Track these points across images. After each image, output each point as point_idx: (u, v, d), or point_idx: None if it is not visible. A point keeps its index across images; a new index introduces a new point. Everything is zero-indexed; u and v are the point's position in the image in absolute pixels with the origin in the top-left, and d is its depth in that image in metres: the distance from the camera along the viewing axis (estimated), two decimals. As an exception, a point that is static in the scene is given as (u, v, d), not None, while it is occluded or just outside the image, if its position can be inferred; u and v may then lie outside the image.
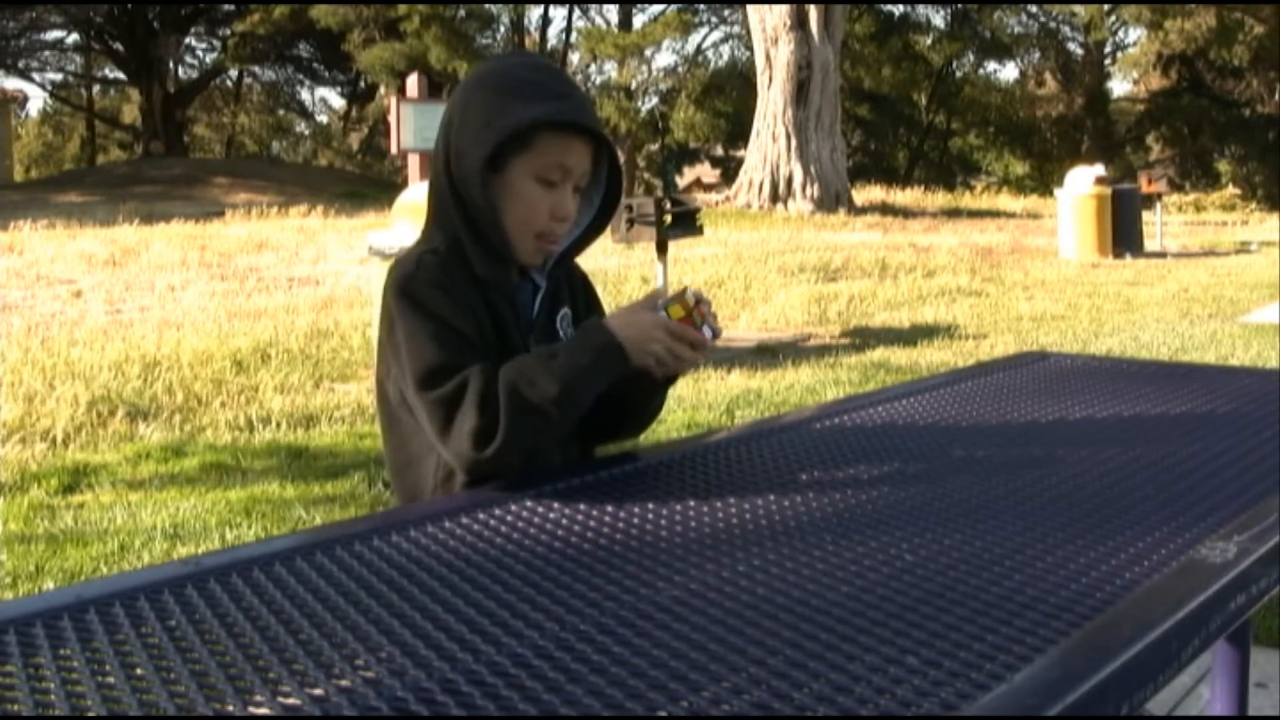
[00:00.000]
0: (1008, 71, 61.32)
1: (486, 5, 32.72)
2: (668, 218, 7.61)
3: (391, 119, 8.19)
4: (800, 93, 21.84)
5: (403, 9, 29.21)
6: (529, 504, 1.43)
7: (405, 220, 6.46)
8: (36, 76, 44.93)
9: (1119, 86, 40.83)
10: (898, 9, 35.16)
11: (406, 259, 1.62)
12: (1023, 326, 9.09)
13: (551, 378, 1.48)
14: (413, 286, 1.57)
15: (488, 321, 1.60)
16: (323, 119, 48.92)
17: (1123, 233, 14.59)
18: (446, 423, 1.50)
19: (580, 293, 1.78)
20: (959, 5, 36.23)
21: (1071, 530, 1.30)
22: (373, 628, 1.05)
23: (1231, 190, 29.63)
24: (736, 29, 35.36)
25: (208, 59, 41.04)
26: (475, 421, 1.47)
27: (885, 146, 39.11)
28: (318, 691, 0.93)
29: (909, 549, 1.24)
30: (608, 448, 1.78)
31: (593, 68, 36.49)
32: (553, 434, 1.53)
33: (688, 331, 1.54)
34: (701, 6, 35.56)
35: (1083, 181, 14.68)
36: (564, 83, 1.64)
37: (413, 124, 8.03)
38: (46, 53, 39.36)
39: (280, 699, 0.92)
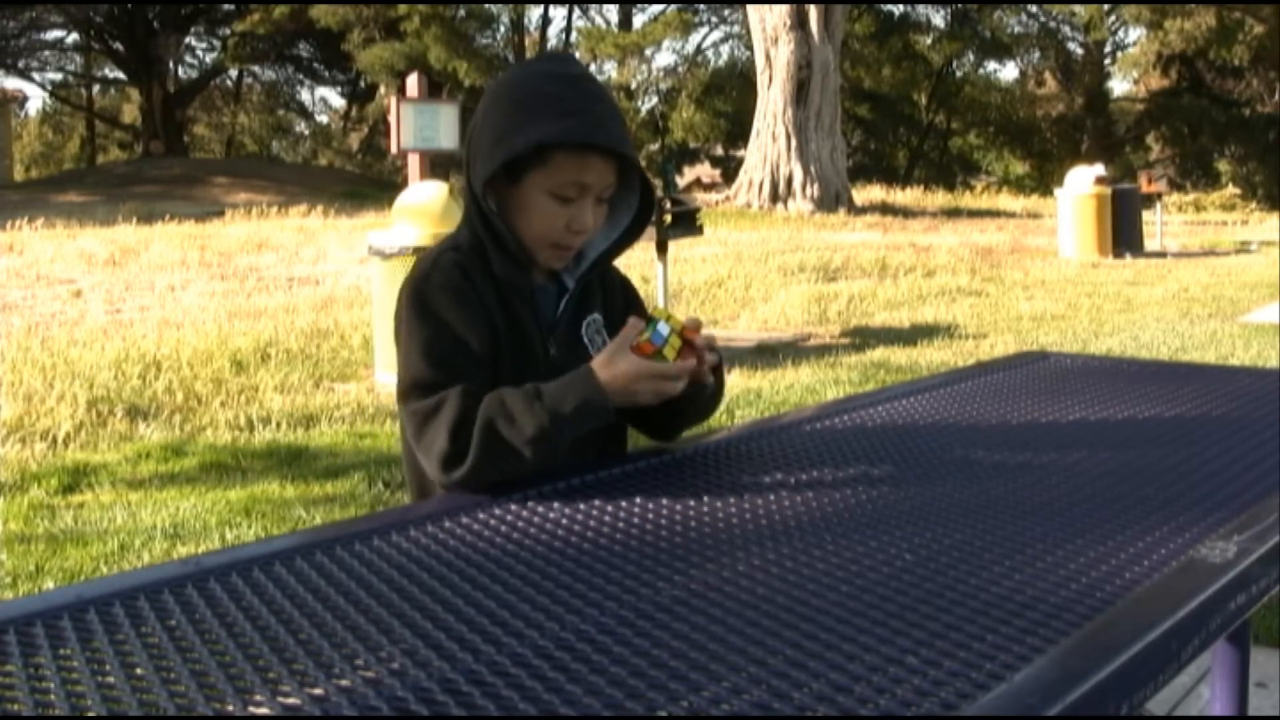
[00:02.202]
0: (1008, 71, 61.33)
1: (486, 5, 32.70)
2: (668, 217, 7.60)
3: (391, 119, 8.18)
4: (800, 92, 21.83)
5: (403, 9, 29.19)
6: (529, 504, 1.43)
7: (405, 220, 6.47)
8: (36, 76, 45.09)
9: (1119, 86, 40.83)
10: (898, 9, 35.15)
11: (426, 258, 1.62)
12: (1023, 326, 9.09)
13: (531, 419, 1.46)
14: (424, 288, 1.57)
15: (504, 323, 1.60)
16: (323, 119, 48.94)
17: (1123, 232, 14.59)
18: (419, 437, 1.51)
19: (619, 295, 1.76)
20: (959, 5, 36.21)
21: (1071, 530, 1.30)
22: (373, 628, 1.05)
23: (1231, 190, 29.62)
24: (736, 29, 35.38)
25: (208, 59, 41.07)
26: (445, 445, 1.47)
27: (885, 146, 39.08)
28: (318, 691, 0.93)
29: (909, 549, 1.24)
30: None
31: (593, 68, 36.47)
32: (522, 471, 1.50)
33: (671, 369, 1.52)
34: (701, 6, 35.56)
35: (1083, 181, 14.67)
36: (585, 95, 1.58)
37: (412, 124, 8.02)
38: (46, 52, 39.34)
39: (280, 699, 0.92)
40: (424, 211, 6.42)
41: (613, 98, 1.67)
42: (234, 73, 41.52)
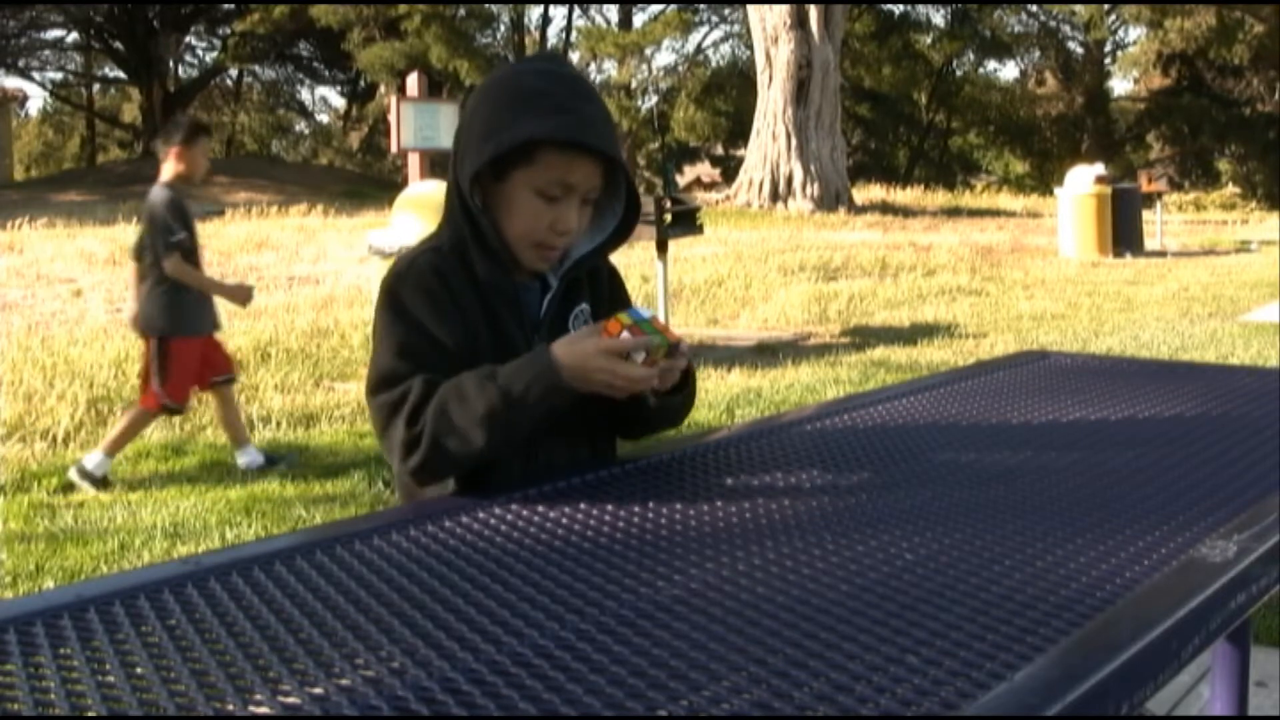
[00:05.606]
0: (1008, 70, 61.44)
1: (486, 4, 32.68)
2: (668, 217, 7.60)
3: (391, 118, 8.20)
4: (800, 92, 21.83)
5: (403, 8, 29.17)
6: (529, 504, 1.43)
7: (405, 219, 6.46)
8: (36, 75, 45.03)
9: (1119, 85, 40.83)
10: (898, 8, 35.13)
11: (404, 259, 1.62)
12: (1022, 325, 9.09)
13: (483, 398, 1.46)
14: (399, 288, 1.57)
15: (483, 323, 1.59)
16: (323, 118, 48.90)
17: (1123, 232, 14.60)
18: (384, 430, 1.52)
19: (606, 285, 1.75)
20: (959, 4, 36.20)
21: (1071, 530, 1.30)
22: (373, 627, 1.05)
23: (1231, 189, 29.63)
24: (736, 28, 35.36)
25: (208, 58, 40.99)
26: (403, 433, 1.48)
27: (885, 145, 39.06)
28: (318, 690, 0.93)
29: (909, 549, 1.24)
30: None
31: (593, 67, 36.46)
32: (478, 455, 1.48)
33: (632, 359, 1.47)
34: (701, 6, 35.52)
35: (1083, 180, 14.67)
36: (575, 94, 1.57)
37: (413, 123, 8.04)
38: (46, 52, 39.30)
39: (280, 698, 0.92)
40: (424, 210, 6.41)
41: (603, 101, 1.65)
42: (234, 72, 41.49)
